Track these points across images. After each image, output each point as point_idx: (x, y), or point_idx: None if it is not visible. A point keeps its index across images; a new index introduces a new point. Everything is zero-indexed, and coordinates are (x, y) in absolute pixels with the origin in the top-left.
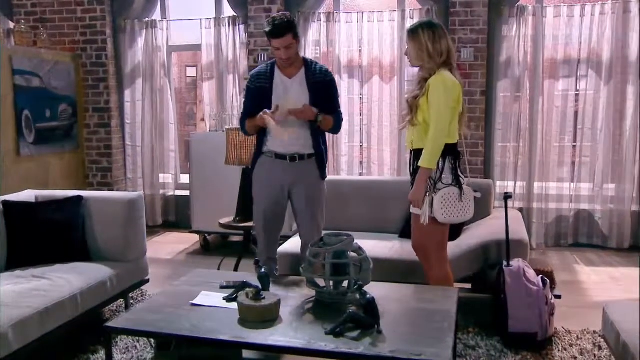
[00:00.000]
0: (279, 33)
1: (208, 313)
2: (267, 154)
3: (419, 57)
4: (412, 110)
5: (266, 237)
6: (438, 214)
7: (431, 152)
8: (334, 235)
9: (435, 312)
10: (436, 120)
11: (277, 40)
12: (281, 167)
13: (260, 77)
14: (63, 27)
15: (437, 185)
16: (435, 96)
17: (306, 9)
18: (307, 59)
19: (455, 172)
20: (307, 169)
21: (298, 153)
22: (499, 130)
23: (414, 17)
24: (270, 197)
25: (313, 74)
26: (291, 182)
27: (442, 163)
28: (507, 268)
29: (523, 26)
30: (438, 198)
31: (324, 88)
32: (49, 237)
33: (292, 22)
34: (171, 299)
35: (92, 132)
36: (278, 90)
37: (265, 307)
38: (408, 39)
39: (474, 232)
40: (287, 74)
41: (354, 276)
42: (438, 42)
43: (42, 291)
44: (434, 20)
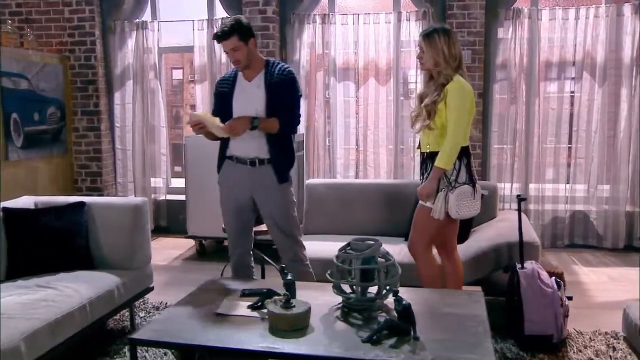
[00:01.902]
0: (221, 36)
1: (234, 322)
2: (230, 158)
3: (436, 61)
4: (430, 114)
5: (236, 243)
6: (452, 210)
7: (449, 154)
8: (360, 241)
9: (466, 316)
10: (455, 125)
11: (222, 43)
12: (242, 171)
13: (224, 81)
14: (50, 28)
15: (453, 184)
16: (455, 101)
17: (301, 11)
18: (270, 60)
19: (469, 171)
20: (265, 173)
21: (257, 157)
22: (495, 132)
23: (410, 19)
24: (236, 201)
25: (271, 75)
26: (252, 187)
27: (458, 163)
28: (522, 270)
29: (519, 29)
30: (454, 196)
31: (280, 88)
32: (52, 244)
33: (238, 24)
34: (193, 308)
35: (81, 136)
36: (238, 94)
37: (296, 315)
38: (424, 44)
39: (483, 234)
40: (247, 77)
41: (384, 282)
42: (453, 46)
43: (50, 301)
44: (446, 25)
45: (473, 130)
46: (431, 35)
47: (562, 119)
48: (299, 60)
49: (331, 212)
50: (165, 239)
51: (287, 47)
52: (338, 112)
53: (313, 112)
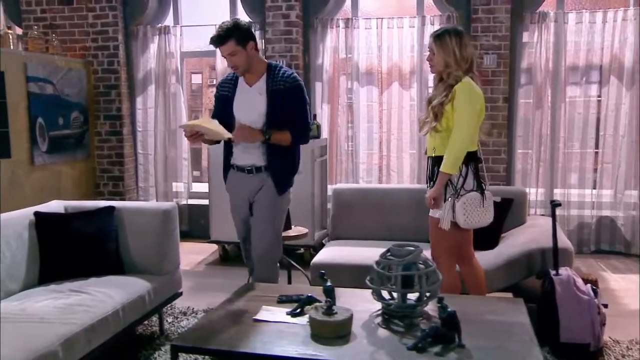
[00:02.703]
0: (217, 41)
1: (274, 329)
2: (232, 166)
3: (446, 63)
4: (436, 116)
5: (249, 248)
6: (460, 219)
7: (454, 157)
8: (400, 246)
9: (510, 324)
10: (462, 127)
11: (219, 47)
12: (242, 179)
13: (225, 84)
14: (74, 34)
15: (459, 191)
16: (463, 103)
17: (324, 15)
18: (273, 64)
19: (477, 178)
20: (262, 182)
21: (254, 165)
22: (520, 137)
23: (434, 23)
24: (238, 209)
25: (274, 81)
26: (250, 194)
27: (464, 169)
28: (557, 277)
29: (544, 32)
30: (460, 204)
31: (284, 97)
32: (82, 249)
33: (235, 28)
34: (231, 314)
35: (103, 140)
36: (238, 99)
37: (339, 322)
38: (434, 45)
39: (514, 240)
40: (248, 81)
41: (425, 288)
42: (464, 48)
43: (85, 306)
44: (459, 27)
45: (497, 135)
46: (442, 36)
47: (589, 124)
48: (322, 65)
49: (358, 217)
50: (187, 243)
51: (310, 51)
52: (361, 116)
53: (336, 116)
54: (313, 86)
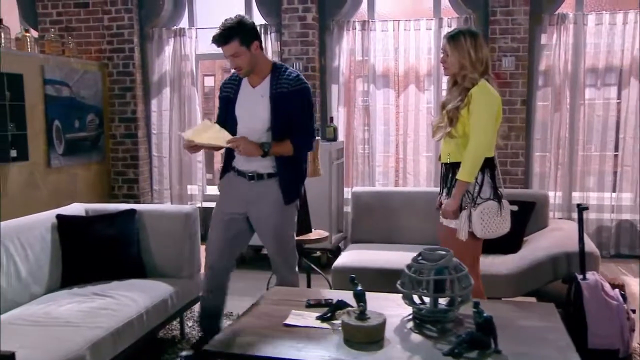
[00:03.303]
0: (220, 40)
1: (305, 334)
2: (232, 169)
3: (461, 65)
4: (451, 121)
5: (215, 260)
6: (477, 229)
7: (472, 165)
8: (431, 250)
9: (544, 329)
10: (480, 133)
11: (222, 48)
12: (241, 185)
13: (229, 85)
14: (89, 36)
15: (476, 200)
16: (480, 108)
17: (340, 17)
18: (278, 65)
19: (493, 186)
20: (267, 190)
21: (257, 172)
22: (538, 140)
23: (451, 25)
24: (227, 215)
25: (278, 83)
26: (248, 203)
27: (480, 177)
28: (584, 281)
29: (563, 34)
30: (477, 213)
31: (287, 100)
32: (104, 252)
33: (239, 27)
34: (260, 319)
35: (118, 143)
36: (241, 101)
37: (372, 327)
38: (448, 46)
39: (537, 244)
40: (252, 82)
41: (458, 293)
42: (480, 49)
43: (110, 310)
44: (473, 28)
45: (515, 138)
46: (457, 36)
47: (608, 126)
48: (338, 67)
49: (377, 220)
50: (202, 246)
51: (327, 54)
52: (377, 119)
53: (352, 119)
54: (329, 89)
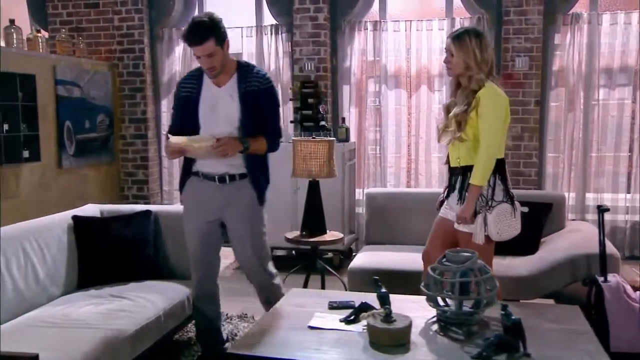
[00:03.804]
0: (196, 40)
1: (331, 336)
2: (196, 174)
3: (466, 65)
4: (460, 125)
5: (199, 270)
6: (492, 232)
7: (485, 168)
8: (455, 252)
9: (571, 332)
10: (491, 135)
11: (196, 48)
12: (210, 189)
13: (187, 84)
14: (99, 36)
15: (489, 202)
16: (489, 110)
17: (352, 17)
18: (242, 62)
19: (505, 188)
20: (240, 191)
21: (228, 173)
22: (551, 141)
23: (464, 25)
24: (200, 223)
25: (247, 81)
26: (221, 207)
27: (492, 179)
28: (605, 284)
29: (577, 34)
30: (493, 216)
31: (258, 98)
32: (120, 253)
33: (213, 24)
34: (283, 321)
35: (128, 144)
36: (206, 101)
37: (399, 330)
38: (453, 46)
39: (556, 245)
40: (217, 81)
41: (484, 296)
42: (485, 50)
43: (128, 312)
44: (478, 28)
45: (529, 139)
46: (462, 36)
47: (622, 127)
48: (349, 68)
49: (391, 221)
50: None
51: (338, 54)
52: (389, 119)
53: (363, 120)
54: (340, 89)
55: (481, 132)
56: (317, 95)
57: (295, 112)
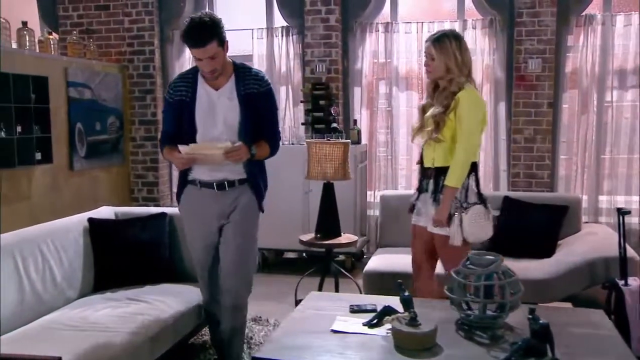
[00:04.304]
0: (198, 42)
1: (355, 340)
2: (192, 182)
3: (447, 68)
4: (438, 125)
5: (210, 276)
6: (468, 234)
7: (461, 170)
8: (478, 255)
9: (599, 337)
10: (468, 138)
11: (198, 50)
12: (208, 197)
13: (180, 87)
14: (110, 38)
15: (463, 204)
16: (469, 113)
17: (363, 19)
18: (237, 63)
19: (478, 191)
20: (239, 197)
21: (227, 179)
22: (564, 143)
23: (476, 27)
24: (204, 235)
25: (245, 83)
26: (221, 215)
27: (466, 181)
28: (626, 287)
29: (591, 36)
30: (468, 218)
31: (258, 101)
32: (136, 256)
33: (215, 24)
34: (306, 325)
35: (138, 146)
36: (202, 105)
37: (425, 334)
38: (434, 49)
39: (573, 248)
40: (213, 84)
41: (508, 299)
42: (465, 52)
43: (145, 315)
44: (455, 31)
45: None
46: (442, 39)
47: (636, 129)
48: (361, 70)
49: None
50: None
51: (349, 55)
52: (400, 121)
53: (375, 122)
54: (352, 91)
55: (460, 134)
56: (328, 97)
57: (306, 114)
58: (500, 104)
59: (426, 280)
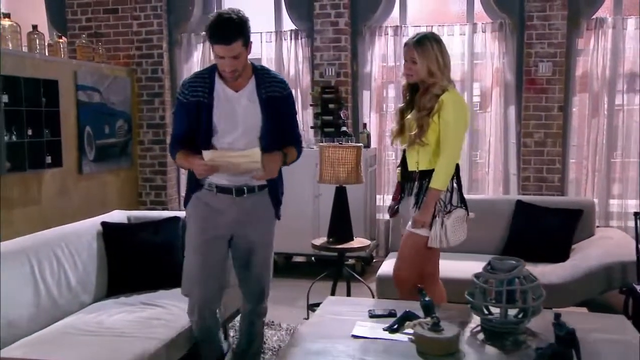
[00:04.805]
0: (224, 39)
1: (377, 346)
2: (207, 187)
3: (430, 71)
4: (422, 128)
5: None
6: (450, 238)
7: (447, 173)
8: (499, 260)
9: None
10: (454, 141)
11: (222, 47)
12: (225, 203)
13: (197, 87)
14: (118, 42)
15: (447, 207)
16: (456, 115)
17: (372, 22)
18: (256, 65)
19: (460, 193)
20: (258, 205)
21: (247, 185)
22: (574, 147)
23: (485, 30)
24: (211, 238)
25: (266, 86)
26: (236, 222)
27: (450, 184)
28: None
29: (601, 39)
30: (451, 221)
31: (280, 105)
32: (149, 260)
33: (242, 23)
34: (326, 330)
35: (146, 149)
36: (221, 107)
37: (448, 339)
38: (416, 52)
39: (588, 252)
40: (232, 85)
41: (531, 304)
42: (445, 55)
43: (163, 320)
44: (434, 32)
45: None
46: (423, 42)
47: None
48: (370, 73)
49: None
50: None
51: (358, 59)
52: None
53: (384, 125)
54: (361, 95)
55: (445, 137)
56: (337, 101)
57: (315, 118)
58: (510, 107)
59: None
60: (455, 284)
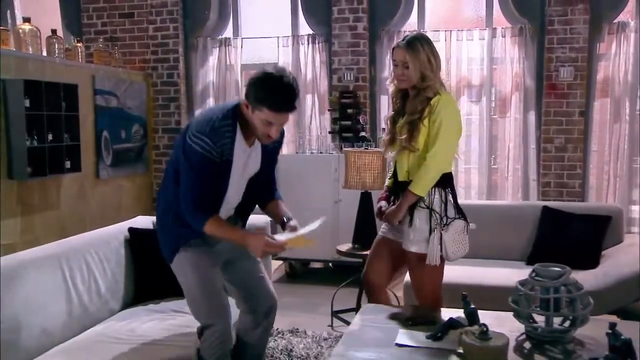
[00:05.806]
0: (291, 108)
1: (424, 354)
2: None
3: (422, 75)
4: (412, 133)
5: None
6: (449, 252)
7: (430, 179)
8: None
9: None
10: (444, 147)
11: (279, 114)
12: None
13: (224, 143)
14: (134, 46)
15: (444, 219)
16: (445, 118)
17: (391, 27)
18: None
19: (456, 203)
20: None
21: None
22: (595, 152)
23: (505, 35)
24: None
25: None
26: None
27: (444, 194)
28: None
29: (623, 43)
30: (449, 235)
31: (274, 154)
32: None
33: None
34: (368, 339)
35: (161, 154)
36: (238, 164)
37: (497, 348)
38: (408, 55)
39: (618, 259)
40: (249, 140)
41: (579, 313)
42: (437, 56)
43: (194, 328)
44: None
45: (573, 150)
46: (414, 44)
47: None
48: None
49: None
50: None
51: (376, 63)
52: None
53: None
54: (379, 100)
55: (435, 142)
56: (356, 106)
57: (333, 123)
58: (529, 112)
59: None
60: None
